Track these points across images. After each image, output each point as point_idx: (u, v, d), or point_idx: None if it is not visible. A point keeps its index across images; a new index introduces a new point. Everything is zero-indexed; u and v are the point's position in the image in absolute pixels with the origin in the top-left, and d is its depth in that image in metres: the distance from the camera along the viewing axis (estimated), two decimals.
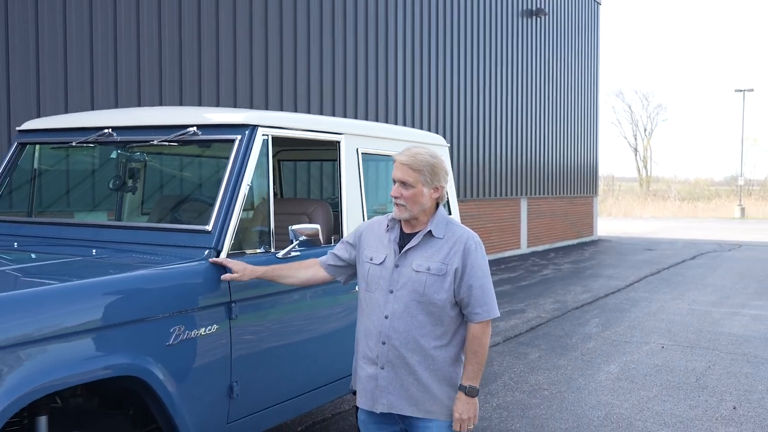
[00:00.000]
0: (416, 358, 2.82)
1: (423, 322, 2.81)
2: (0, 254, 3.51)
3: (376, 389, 2.87)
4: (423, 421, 2.87)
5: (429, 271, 2.80)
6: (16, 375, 2.44)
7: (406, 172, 2.82)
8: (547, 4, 18.86)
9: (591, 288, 12.18)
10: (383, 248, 2.91)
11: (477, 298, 2.80)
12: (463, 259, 2.80)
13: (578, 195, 21.36)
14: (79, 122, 3.99)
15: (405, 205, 2.82)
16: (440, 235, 2.84)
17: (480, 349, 2.83)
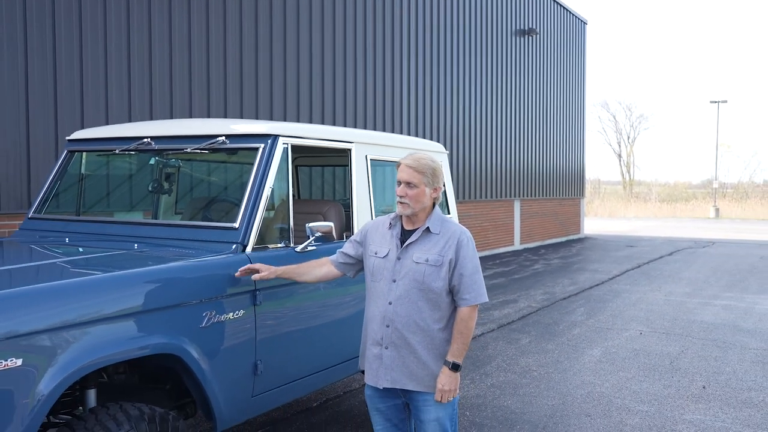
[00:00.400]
0: (417, 339, 2.94)
1: (422, 307, 2.93)
2: (55, 248, 3.63)
3: (381, 367, 2.99)
4: (422, 394, 2.98)
5: (427, 262, 2.92)
6: (71, 352, 2.55)
7: (412, 174, 2.96)
8: (538, 24, 18.92)
9: (577, 281, 12.24)
10: (386, 243, 3.03)
11: (466, 285, 2.94)
12: (456, 251, 2.93)
13: (566, 197, 21.40)
14: (122, 132, 4.11)
15: (409, 203, 2.95)
16: (437, 231, 2.97)
17: (466, 330, 2.94)
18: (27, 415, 2.42)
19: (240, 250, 3.40)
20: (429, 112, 14.08)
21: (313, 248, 3.74)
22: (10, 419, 2.38)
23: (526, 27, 18.22)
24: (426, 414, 2.98)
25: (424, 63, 13.90)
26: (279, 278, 3.34)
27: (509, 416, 5.14)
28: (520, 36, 17.99)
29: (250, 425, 4.86)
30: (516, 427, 4.93)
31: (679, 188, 59.92)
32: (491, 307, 9.46)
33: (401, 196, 2.96)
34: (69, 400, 3.10)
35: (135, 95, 8.21)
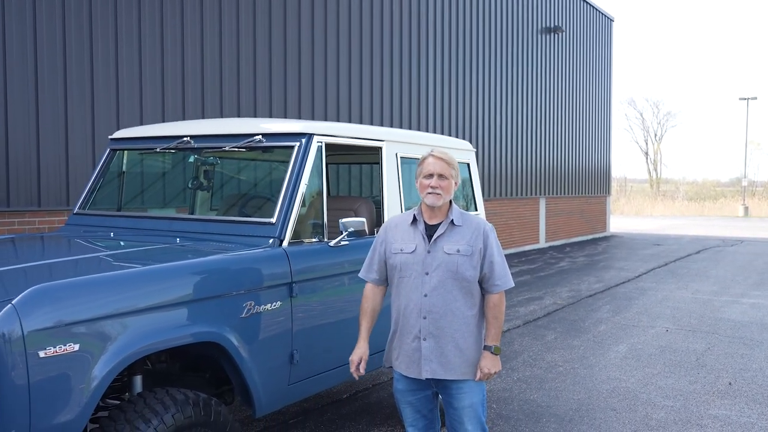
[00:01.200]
0: (454, 327, 3.04)
1: (457, 295, 3.03)
2: (102, 242, 3.80)
3: (421, 359, 3.06)
4: (456, 382, 3.08)
5: (459, 253, 3.02)
6: (123, 339, 2.70)
7: (444, 166, 3.06)
8: (564, 22, 18.88)
9: (603, 278, 12.25)
10: (411, 239, 3.10)
11: (497, 272, 3.07)
12: (484, 240, 3.06)
13: (592, 195, 21.33)
14: (162, 131, 4.27)
15: (441, 194, 3.05)
16: (460, 223, 3.08)
17: (500, 315, 3.09)
18: (83, 398, 2.57)
19: (277, 244, 3.53)
20: (454, 111, 14.15)
21: (345, 243, 3.86)
22: (68, 401, 2.53)
23: (552, 25, 18.19)
24: (460, 401, 3.08)
25: (450, 62, 13.98)
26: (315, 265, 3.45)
27: (536, 409, 5.23)
28: (547, 34, 17.97)
29: (282, 415, 5.01)
30: (542, 420, 5.02)
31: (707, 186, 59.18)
32: (517, 304, 9.54)
33: (434, 187, 3.04)
34: (117, 385, 3.26)
35: (168, 96, 8.42)
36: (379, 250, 3.21)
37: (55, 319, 2.50)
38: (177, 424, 2.81)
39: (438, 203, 3.05)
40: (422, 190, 3.09)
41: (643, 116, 71.13)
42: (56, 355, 2.48)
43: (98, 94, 7.71)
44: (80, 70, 7.54)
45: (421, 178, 3.10)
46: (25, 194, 7.14)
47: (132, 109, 8.04)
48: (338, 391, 5.60)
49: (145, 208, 4.87)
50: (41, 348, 2.45)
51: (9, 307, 2.40)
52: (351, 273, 3.92)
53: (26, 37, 7.08)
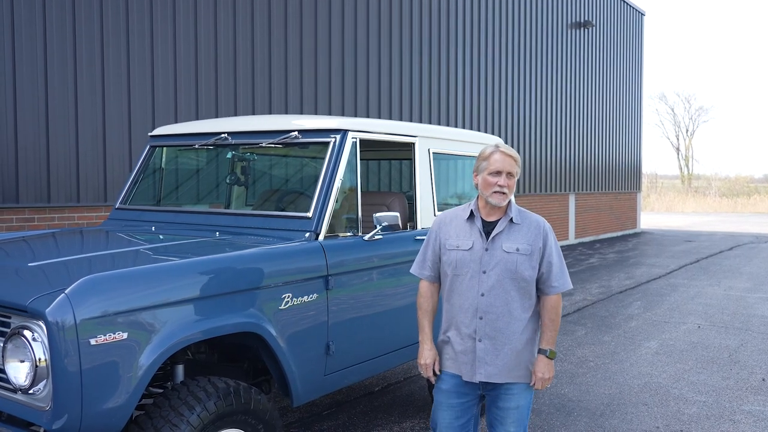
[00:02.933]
0: (512, 328, 2.91)
1: (515, 296, 2.91)
2: (142, 236, 3.92)
3: (476, 360, 2.93)
4: (508, 385, 2.95)
5: (518, 252, 2.89)
6: (169, 328, 2.79)
7: (513, 164, 2.92)
8: (594, 16, 18.73)
9: (634, 275, 12.17)
10: (468, 236, 2.97)
11: (555, 273, 2.94)
12: (544, 240, 2.94)
13: (623, 191, 21.14)
14: (201, 128, 4.37)
15: (507, 193, 2.91)
16: (519, 221, 2.95)
17: (557, 318, 2.97)
18: (131, 385, 2.67)
19: (313, 237, 3.61)
20: (483, 107, 14.14)
21: (380, 237, 3.93)
22: (116, 388, 2.64)
23: (582, 19, 18.06)
24: (507, 402, 2.96)
25: (479, 56, 13.97)
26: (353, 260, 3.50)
27: (567, 404, 5.25)
28: (577, 29, 17.85)
29: (316, 407, 5.10)
30: (574, 413, 5.04)
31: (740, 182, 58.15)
32: None
33: (502, 186, 2.89)
34: (160, 374, 3.37)
35: (202, 94, 8.56)
36: (433, 246, 3.08)
37: (105, 309, 2.60)
38: (219, 411, 2.90)
39: (503, 203, 2.93)
40: (486, 188, 2.93)
41: (675, 111, 70.10)
42: (106, 343, 2.59)
43: (134, 94, 7.87)
44: (117, 71, 7.70)
45: (485, 175, 2.93)
46: (64, 191, 7.32)
47: (167, 107, 8.19)
48: (371, 383, 5.68)
49: (184, 203, 4.97)
50: (92, 336, 2.55)
51: (62, 297, 2.51)
52: (385, 267, 3.99)
53: (66, 39, 7.26)
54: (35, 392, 2.58)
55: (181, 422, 2.80)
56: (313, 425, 4.75)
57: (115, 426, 2.67)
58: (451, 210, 3.14)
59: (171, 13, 8.22)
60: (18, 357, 2.58)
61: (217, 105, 8.74)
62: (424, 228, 4.39)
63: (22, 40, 6.94)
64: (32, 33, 7.01)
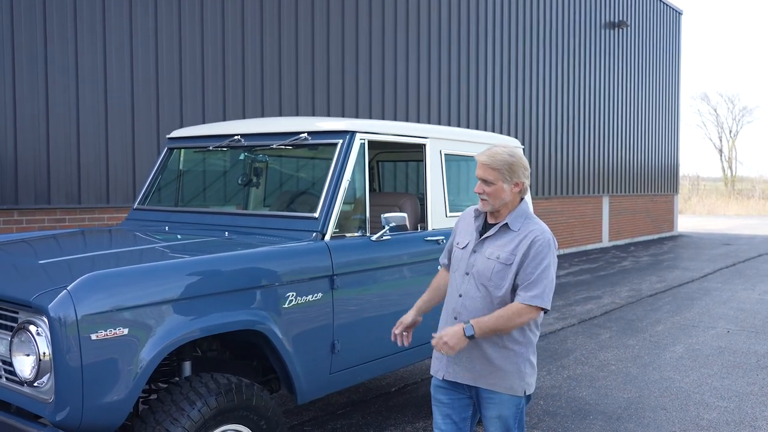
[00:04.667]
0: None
1: (488, 303, 2.81)
2: (156, 235, 4.01)
3: (445, 358, 2.92)
4: (488, 392, 2.87)
5: (498, 260, 2.81)
6: (168, 325, 2.86)
7: (487, 170, 2.84)
8: (629, 15, 18.47)
9: (666, 278, 11.96)
10: (468, 235, 2.97)
11: (527, 283, 2.75)
12: (528, 249, 2.77)
13: (659, 193, 20.78)
14: (215, 130, 4.46)
15: (488, 200, 2.86)
16: (515, 228, 2.84)
17: (504, 318, 2.73)
18: (131, 380, 2.75)
19: (319, 238, 3.65)
20: (513, 108, 14.06)
21: (387, 238, 3.95)
22: (117, 382, 2.71)
23: (616, 19, 17.82)
24: (489, 410, 2.89)
25: (509, 57, 13.89)
26: (357, 259, 3.53)
27: (583, 407, 5.20)
28: (611, 29, 17.62)
29: (331, 405, 5.15)
30: (589, 417, 4.99)
31: None
32: (573, 303, 9.43)
33: (479, 193, 2.88)
34: (167, 370, 3.45)
35: (229, 95, 8.70)
36: (452, 237, 3.12)
37: (106, 305, 2.68)
38: (220, 407, 2.96)
39: (486, 209, 2.89)
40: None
41: (717, 112, 68.60)
42: (106, 339, 2.66)
43: (162, 97, 8.03)
44: (146, 75, 7.88)
45: None
46: (94, 192, 7.51)
47: (194, 110, 8.34)
48: (387, 383, 5.70)
49: (198, 204, 5.06)
50: (93, 331, 2.63)
51: (64, 293, 2.59)
52: (393, 267, 4.02)
53: (96, 44, 7.45)
54: (39, 385, 2.67)
55: (181, 416, 2.87)
56: (327, 424, 4.79)
57: (115, 419, 2.74)
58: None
59: (199, 17, 8.38)
60: (24, 351, 2.68)
61: (244, 106, 8.87)
62: (435, 229, 4.40)
63: (54, 44, 7.15)
64: (63, 38, 7.22)
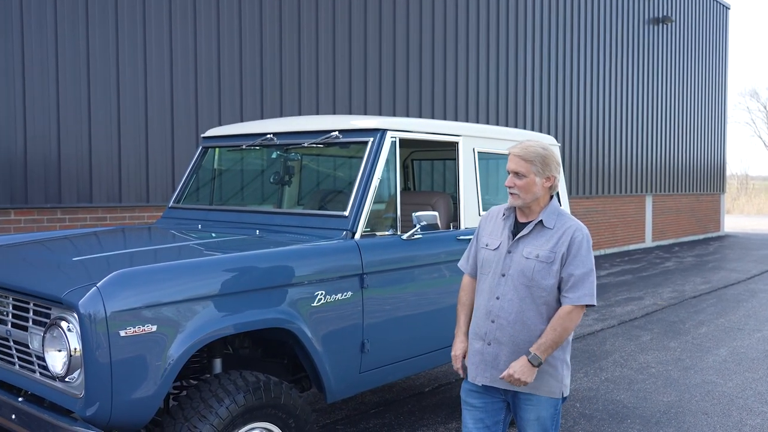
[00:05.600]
0: (522, 337, 2.78)
1: (530, 304, 2.77)
2: (186, 233, 4.05)
3: (482, 363, 2.85)
4: (525, 395, 2.83)
5: (537, 258, 2.76)
6: (197, 322, 2.87)
7: (519, 163, 2.79)
8: (673, 11, 18.04)
9: (711, 279, 11.65)
10: (498, 235, 2.90)
11: (573, 284, 2.73)
12: (569, 247, 2.75)
13: (705, 192, 20.26)
14: (248, 129, 4.48)
15: (518, 194, 2.80)
16: (551, 226, 2.80)
17: (560, 328, 2.72)
18: (159, 376, 2.76)
19: (349, 236, 3.63)
20: (554, 105, 13.86)
21: (419, 236, 3.91)
22: (145, 378, 2.73)
23: (660, 15, 17.43)
24: (528, 412, 2.85)
25: (549, 54, 13.70)
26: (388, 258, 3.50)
27: (621, 410, 5.08)
28: (654, 24, 17.24)
29: (364, 405, 5.13)
30: (627, 420, 4.87)
31: None
32: (614, 304, 9.25)
33: (510, 187, 2.81)
34: (197, 367, 3.47)
35: (267, 94, 8.75)
36: (474, 240, 3.06)
37: (135, 302, 2.70)
38: (248, 405, 2.97)
39: (516, 203, 2.83)
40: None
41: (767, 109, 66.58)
42: (135, 335, 2.69)
43: (201, 98, 8.13)
44: (185, 76, 7.98)
45: None
46: (135, 191, 7.64)
47: (233, 108, 8.42)
48: (420, 383, 5.66)
49: (232, 202, 5.10)
50: (122, 328, 2.65)
51: (94, 290, 2.62)
52: (424, 266, 3.97)
53: (137, 46, 7.57)
54: (70, 380, 2.71)
55: (209, 413, 2.88)
56: (359, 423, 4.77)
57: (144, 415, 2.76)
58: (499, 206, 3.06)
59: (237, 18, 8.45)
60: (55, 346, 2.71)
61: (281, 105, 8.92)
62: (467, 228, 4.34)
63: (96, 47, 7.29)
64: (104, 41, 7.36)
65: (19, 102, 6.85)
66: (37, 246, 3.74)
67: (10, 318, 3.01)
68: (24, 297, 2.92)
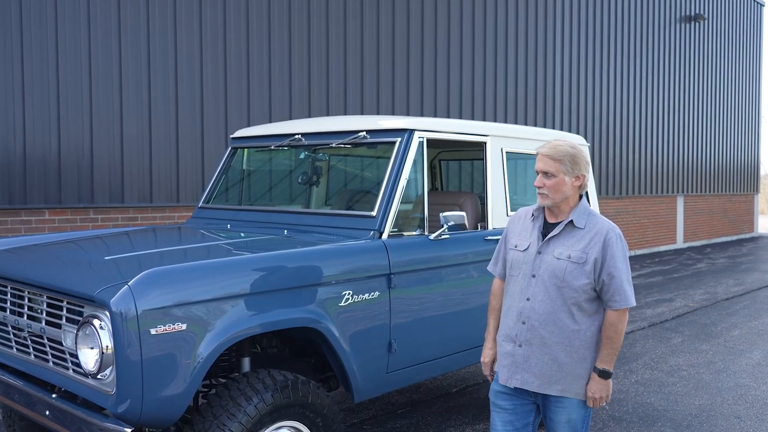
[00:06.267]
0: (554, 339, 2.76)
1: (561, 305, 2.75)
2: (215, 233, 4.09)
3: (513, 365, 2.84)
4: (557, 398, 2.81)
5: (569, 259, 2.73)
6: (226, 321, 2.89)
7: (548, 162, 2.77)
8: (706, 9, 17.75)
9: (744, 281, 11.44)
10: (527, 236, 2.88)
11: (616, 287, 2.71)
12: (603, 250, 2.71)
13: (738, 193, 19.91)
14: (277, 130, 4.51)
15: (547, 194, 2.78)
16: (581, 225, 2.77)
17: (615, 335, 2.74)
18: (189, 374, 2.79)
19: (376, 236, 3.63)
20: (583, 105, 13.72)
21: (446, 237, 3.90)
22: (175, 376, 2.76)
23: (692, 13, 17.16)
24: (558, 414, 2.83)
25: (579, 53, 13.57)
26: (414, 258, 3.50)
27: (651, 413, 5.01)
28: (686, 23, 16.98)
29: (391, 405, 5.13)
30: (657, 424, 4.81)
31: None
32: (644, 306, 9.12)
33: (539, 187, 2.79)
34: (226, 365, 3.50)
35: (295, 95, 8.80)
36: (502, 243, 3.04)
37: (166, 300, 2.72)
38: (276, 403, 2.98)
39: (546, 203, 2.80)
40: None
41: None
42: (165, 333, 2.72)
43: (230, 99, 8.20)
44: (215, 77, 8.05)
45: None
46: (165, 191, 7.73)
47: (261, 110, 8.48)
48: (448, 384, 5.64)
49: (260, 202, 5.13)
50: (153, 326, 2.68)
51: (125, 288, 2.66)
52: (451, 266, 3.96)
53: (167, 48, 7.67)
54: (102, 377, 2.74)
55: (238, 411, 2.90)
56: (386, 423, 4.78)
57: (173, 412, 2.79)
58: (526, 208, 3.03)
59: (266, 21, 8.51)
60: (88, 344, 2.76)
61: (309, 106, 8.96)
62: (495, 228, 4.32)
63: (128, 50, 7.40)
64: (136, 43, 7.46)
65: (53, 106, 6.97)
66: (70, 245, 3.80)
67: (44, 316, 3.06)
68: (58, 295, 2.97)
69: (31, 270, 3.23)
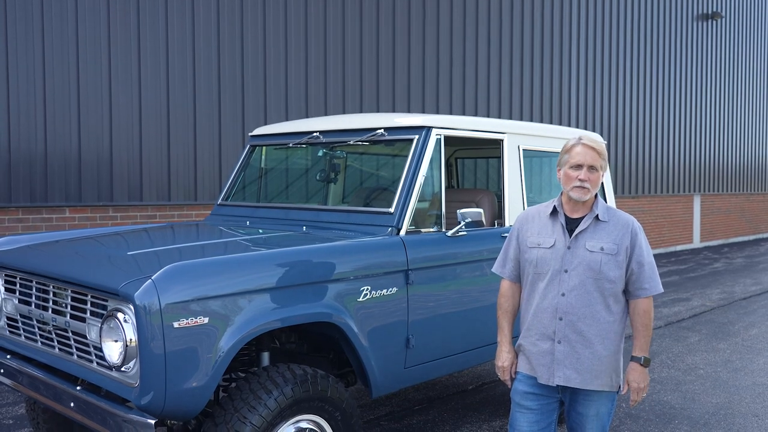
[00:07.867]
0: (593, 332, 2.77)
1: (598, 297, 2.77)
2: (237, 229, 4.13)
3: (554, 363, 2.81)
4: (586, 391, 2.83)
5: (603, 251, 2.76)
6: (246, 315, 2.93)
7: (595, 157, 2.78)
8: (723, 7, 17.61)
9: (762, 281, 11.35)
10: (550, 233, 2.86)
11: (646, 274, 2.79)
12: (632, 239, 2.79)
13: (756, 192, 19.74)
14: (295, 128, 4.55)
15: (590, 188, 2.77)
16: (605, 219, 2.82)
17: (649, 322, 2.81)
18: (211, 367, 2.83)
19: (394, 233, 3.66)
20: (599, 103, 13.67)
21: (463, 233, 3.92)
22: (197, 369, 2.80)
23: (709, 11, 17.04)
24: (587, 408, 2.85)
25: (595, 51, 13.52)
26: (432, 255, 3.52)
27: (668, 411, 5.01)
28: (703, 21, 16.86)
29: (408, 401, 5.15)
30: (674, 421, 4.80)
31: None
32: (660, 305, 9.08)
33: (583, 180, 2.76)
34: (246, 360, 3.54)
35: (311, 93, 8.85)
36: (514, 244, 3.00)
37: (188, 294, 2.77)
38: (296, 397, 3.02)
39: (584, 198, 2.79)
40: (567, 182, 2.80)
41: None
42: (188, 327, 2.76)
43: (247, 98, 8.26)
44: (232, 77, 8.12)
45: (566, 168, 2.81)
46: (183, 190, 7.81)
47: (278, 108, 8.53)
48: (464, 381, 5.66)
49: (278, 199, 5.17)
50: (176, 320, 2.73)
51: (149, 282, 2.70)
52: (468, 263, 3.98)
53: (185, 48, 7.74)
54: (126, 370, 2.79)
55: (258, 405, 2.94)
56: (403, 419, 4.80)
57: (196, 405, 2.83)
58: (534, 207, 3.04)
59: (283, 19, 8.56)
60: (112, 337, 2.80)
61: (326, 104, 9.01)
62: (512, 225, 4.33)
63: (147, 51, 7.48)
64: (155, 44, 7.54)
65: (73, 105, 7.06)
66: (91, 241, 3.86)
67: (68, 309, 3.12)
68: (82, 289, 3.02)
69: (56, 265, 3.29)
